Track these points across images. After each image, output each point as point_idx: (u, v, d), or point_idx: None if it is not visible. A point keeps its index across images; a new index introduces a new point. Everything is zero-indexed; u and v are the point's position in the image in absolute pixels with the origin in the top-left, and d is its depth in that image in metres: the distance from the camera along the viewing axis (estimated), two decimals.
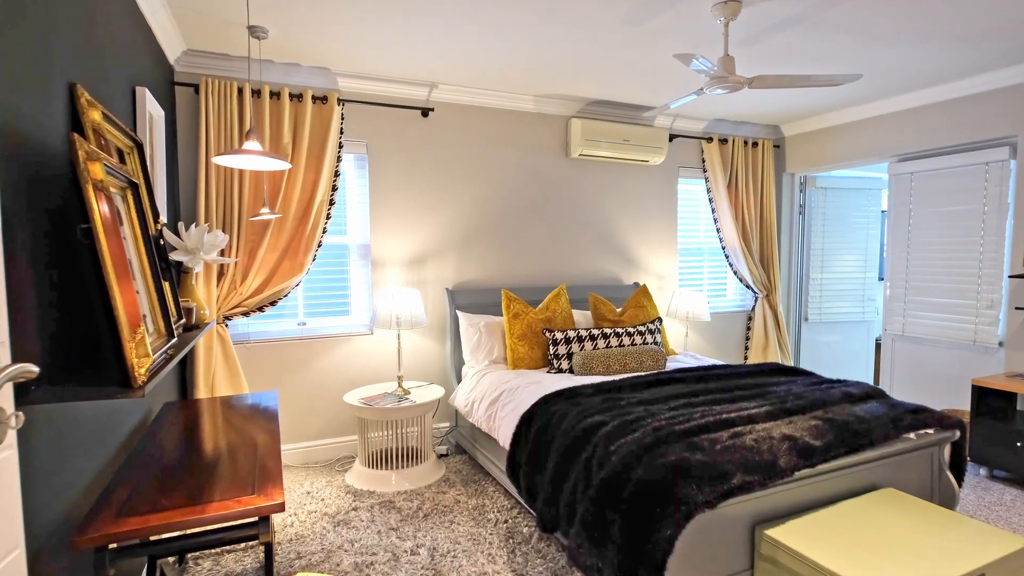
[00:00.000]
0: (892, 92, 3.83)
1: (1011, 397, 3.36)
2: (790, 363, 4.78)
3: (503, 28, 2.72)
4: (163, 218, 2.45)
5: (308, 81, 3.32)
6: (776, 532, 1.88)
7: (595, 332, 3.30)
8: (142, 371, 1.21)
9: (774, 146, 4.81)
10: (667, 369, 3.21)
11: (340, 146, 3.36)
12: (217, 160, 1.79)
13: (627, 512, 1.77)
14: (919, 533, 1.86)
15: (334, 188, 3.36)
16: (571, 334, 3.26)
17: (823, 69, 3.33)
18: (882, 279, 5.57)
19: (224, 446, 1.78)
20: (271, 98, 3.18)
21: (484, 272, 3.91)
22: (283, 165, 1.86)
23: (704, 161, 4.55)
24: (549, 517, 2.17)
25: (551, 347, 3.23)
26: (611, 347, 3.28)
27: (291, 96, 3.21)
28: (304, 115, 3.22)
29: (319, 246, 3.33)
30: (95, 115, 1.45)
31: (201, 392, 2.96)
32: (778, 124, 4.76)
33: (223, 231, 3.09)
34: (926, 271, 3.97)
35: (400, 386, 3.30)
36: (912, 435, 2.29)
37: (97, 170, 1.25)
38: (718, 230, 4.60)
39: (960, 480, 2.47)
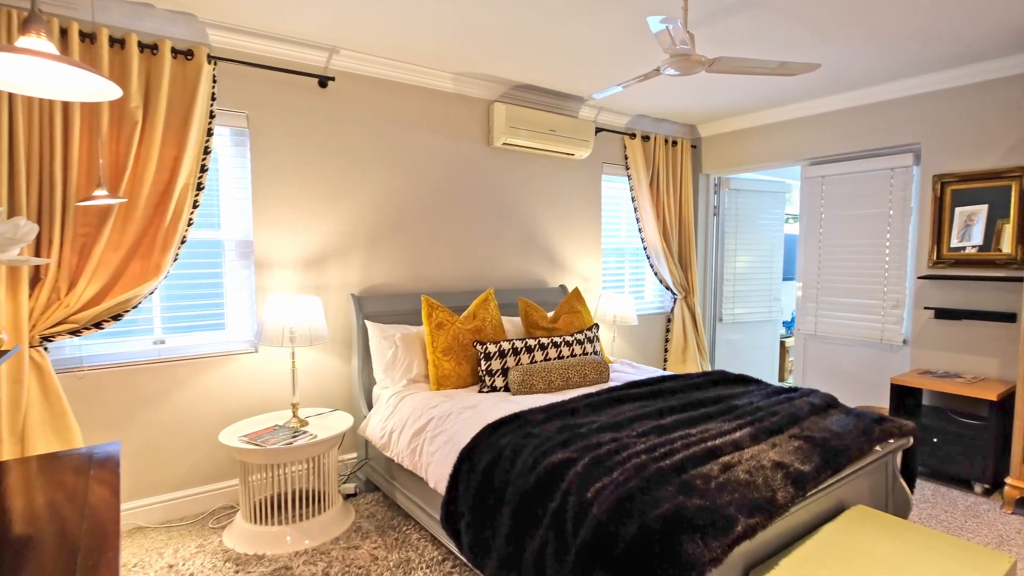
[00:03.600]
0: (807, 96, 3.87)
1: (918, 393, 3.51)
2: (708, 364, 4.76)
3: None
4: None
5: (166, 29, 2.56)
6: None
7: (531, 343, 2.90)
8: None
9: (692, 146, 4.76)
10: (613, 383, 2.91)
11: (212, 116, 2.64)
12: None
13: None
14: (908, 557, 1.74)
15: (203, 168, 2.63)
16: (505, 346, 2.83)
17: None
18: (786, 279, 5.82)
19: (26, 543, 1.11)
20: (112, 46, 2.39)
21: (397, 275, 3.35)
22: (106, 90, 1.11)
23: (627, 158, 4.36)
24: None
25: (483, 362, 2.77)
26: (550, 359, 2.91)
27: (142, 46, 2.45)
28: (160, 72, 2.47)
29: (183, 242, 2.59)
30: None
31: (4, 450, 2.10)
32: (695, 124, 4.71)
33: (34, 220, 2.25)
34: (836, 272, 4.08)
35: (295, 416, 2.66)
36: (878, 446, 2.17)
37: None
38: (640, 230, 4.43)
39: (912, 486, 2.41)
